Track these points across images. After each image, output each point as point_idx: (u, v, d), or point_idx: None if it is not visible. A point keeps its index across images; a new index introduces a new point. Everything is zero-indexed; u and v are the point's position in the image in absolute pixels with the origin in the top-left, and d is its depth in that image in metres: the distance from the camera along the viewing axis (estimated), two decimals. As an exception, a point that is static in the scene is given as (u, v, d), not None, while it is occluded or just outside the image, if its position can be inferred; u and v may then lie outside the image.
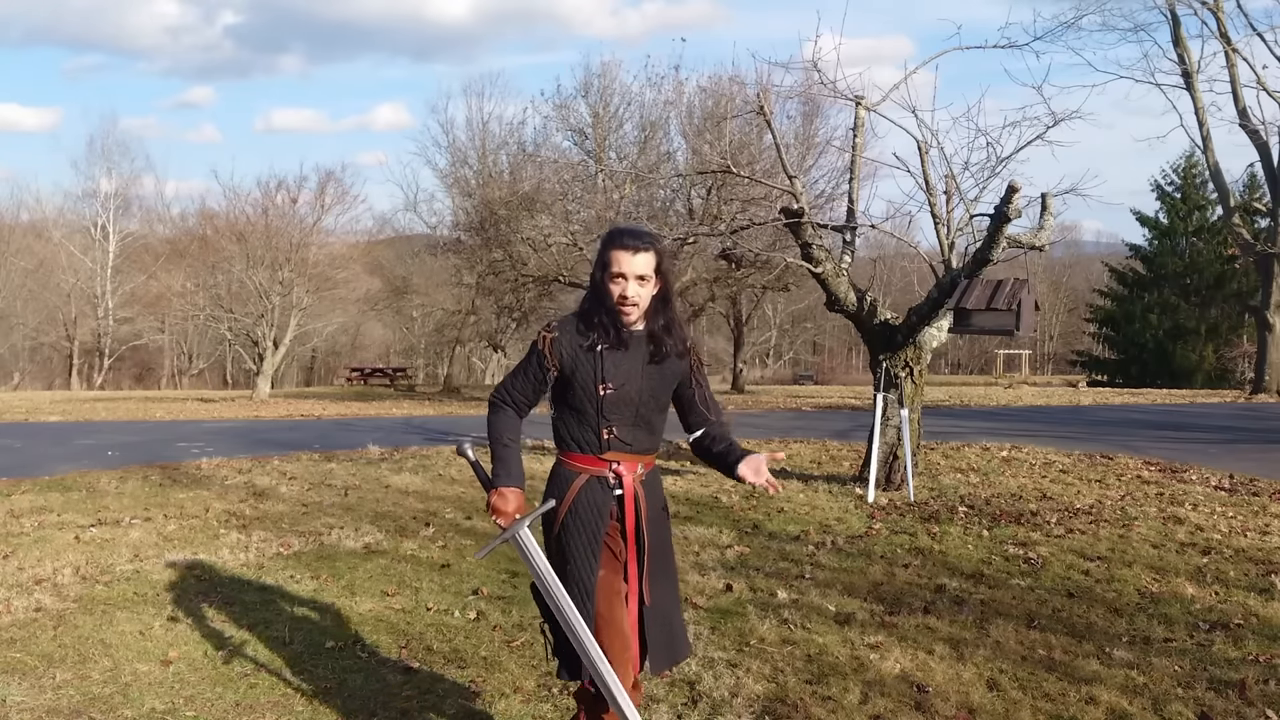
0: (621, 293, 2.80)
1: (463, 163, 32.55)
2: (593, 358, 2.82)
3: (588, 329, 2.84)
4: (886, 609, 5.00)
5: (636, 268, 2.79)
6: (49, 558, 6.02)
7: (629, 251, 2.79)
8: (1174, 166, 40.98)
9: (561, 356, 2.84)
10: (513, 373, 2.95)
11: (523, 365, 2.92)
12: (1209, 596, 5.25)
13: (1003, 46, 10.13)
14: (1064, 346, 57.54)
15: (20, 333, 47.19)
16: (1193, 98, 25.06)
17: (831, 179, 22.83)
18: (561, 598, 2.78)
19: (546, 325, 2.90)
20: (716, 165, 11.27)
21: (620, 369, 2.82)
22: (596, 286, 2.85)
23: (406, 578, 5.61)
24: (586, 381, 2.81)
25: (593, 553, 2.84)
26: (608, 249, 2.83)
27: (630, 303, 2.80)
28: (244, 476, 9.50)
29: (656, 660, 2.93)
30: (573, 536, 2.84)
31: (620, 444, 2.85)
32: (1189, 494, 8.45)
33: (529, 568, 2.82)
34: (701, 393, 3.00)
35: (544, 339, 2.86)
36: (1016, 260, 10.53)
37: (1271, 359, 25.19)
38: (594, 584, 2.83)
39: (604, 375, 2.80)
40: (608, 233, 2.90)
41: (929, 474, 9.47)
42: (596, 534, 2.84)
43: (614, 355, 2.82)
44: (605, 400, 2.80)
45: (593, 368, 2.81)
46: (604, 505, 2.86)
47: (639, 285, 2.81)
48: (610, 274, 2.81)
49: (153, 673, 4.09)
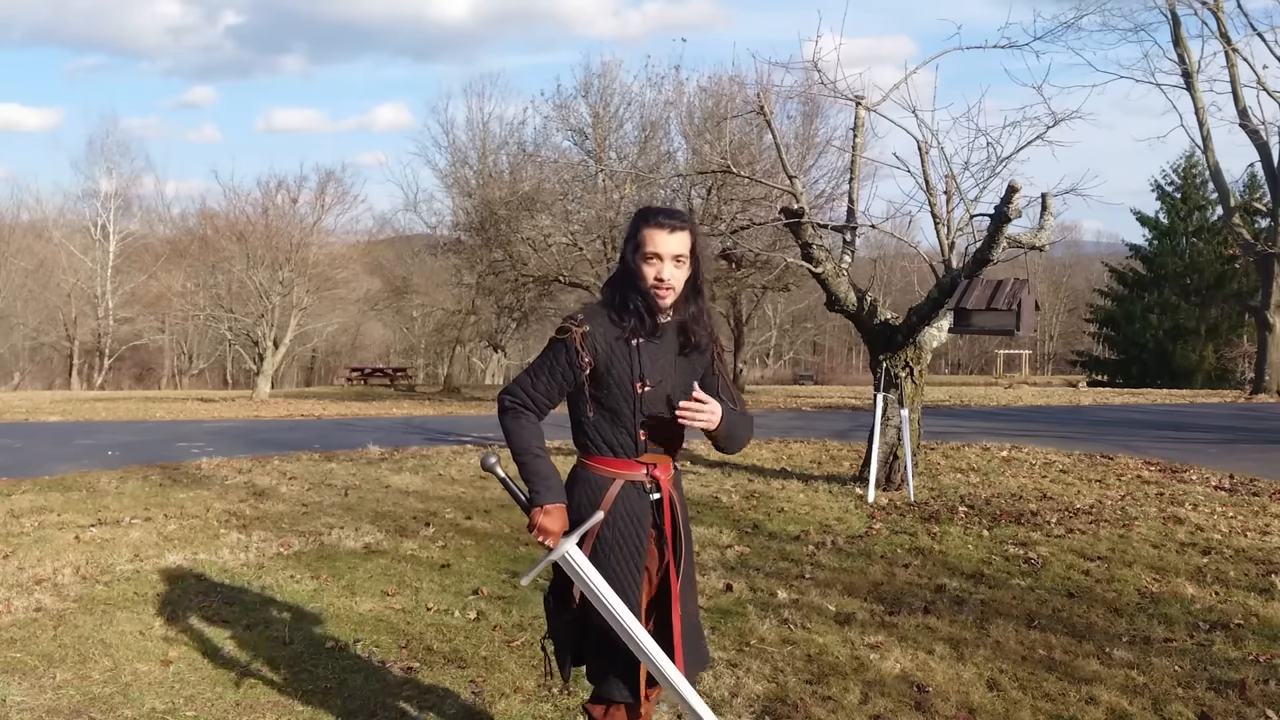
0: (658, 274, 2.56)
1: (463, 163, 32.56)
2: (629, 352, 2.57)
3: (620, 319, 2.59)
4: (886, 609, 5.00)
5: (673, 247, 2.56)
6: (49, 558, 6.03)
7: (665, 230, 2.56)
8: (1174, 166, 41.05)
9: (596, 351, 2.56)
10: (532, 372, 2.63)
11: (546, 363, 2.61)
12: (1209, 596, 5.25)
13: (1003, 46, 10.15)
14: (1064, 346, 57.56)
15: (20, 333, 47.20)
16: (1193, 98, 25.06)
17: (831, 179, 22.86)
18: (623, 612, 2.55)
19: (572, 317, 2.62)
20: (716, 165, 11.28)
21: (657, 365, 2.60)
22: (627, 268, 2.59)
23: (406, 578, 5.61)
24: (623, 379, 2.56)
25: (636, 566, 2.63)
26: (641, 227, 2.59)
27: (666, 286, 2.57)
28: (244, 476, 9.51)
29: (690, 668, 2.71)
30: (612, 549, 2.62)
31: (655, 446, 2.65)
32: (1189, 494, 8.45)
33: (581, 586, 2.59)
34: (723, 383, 2.75)
35: (575, 333, 2.56)
36: (1016, 260, 10.54)
37: (1271, 359, 25.19)
38: (638, 599, 2.62)
39: (642, 372, 2.57)
40: (639, 211, 2.65)
41: (929, 474, 9.47)
42: (639, 545, 2.63)
43: (650, 349, 2.59)
44: (644, 399, 2.57)
45: (629, 364, 2.56)
46: (643, 513, 2.65)
47: (675, 266, 2.58)
48: (645, 254, 2.57)
49: (153, 673, 4.10)
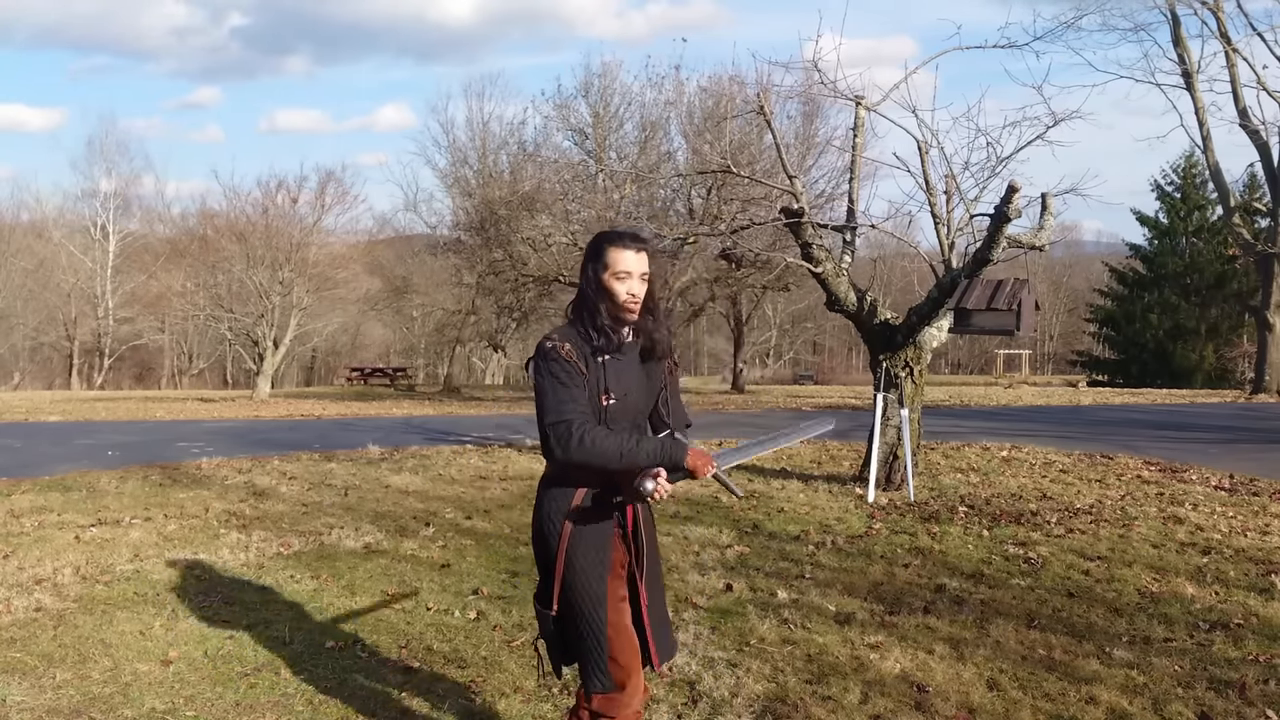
0: (629, 290, 2.79)
1: (463, 163, 32.59)
2: (596, 367, 2.79)
3: (590, 337, 2.80)
4: (886, 609, 5.00)
5: (640, 266, 2.80)
6: (49, 558, 6.03)
7: (633, 250, 2.79)
8: (1174, 166, 41.08)
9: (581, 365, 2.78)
10: (558, 401, 2.71)
11: (562, 385, 2.72)
12: (1209, 596, 5.25)
13: (1003, 46, 10.14)
14: (1064, 346, 57.58)
15: (20, 333, 47.21)
16: (1193, 98, 25.06)
17: (831, 179, 22.89)
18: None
19: (550, 337, 2.80)
20: (716, 165, 11.27)
21: (621, 378, 2.81)
22: (594, 288, 2.82)
23: (406, 578, 5.61)
24: (592, 392, 2.78)
25: (601, 562, 2.83)
26: (607, 248, 2.81)
27: (636, 299, 2.80)
28: (244, 476, 9.51)
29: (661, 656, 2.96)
30: (579, 547, 2.82)
31: None
32: (1189, 494, 8.45)
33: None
34: (671, 391, 2.95)
35: (562, 347, 2.75)
36: (1016, 260, 10.55)
37: (1271, 359, 25.19)
38: (604, 593, 2.82)
39: (606, 385, 2.78)
40: (602, 235, 2.88)
41: (929, 474, 9.47)
42: (604, 544, 2.84)
43: (614, 364, 2.80)
44: (608, 411, 2.78)
45: (596, 378, 2.78)
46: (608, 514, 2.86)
47: (641, 283, 2.81)
48: (616, 273, 2.79)
49: (153, 673, 4.10)
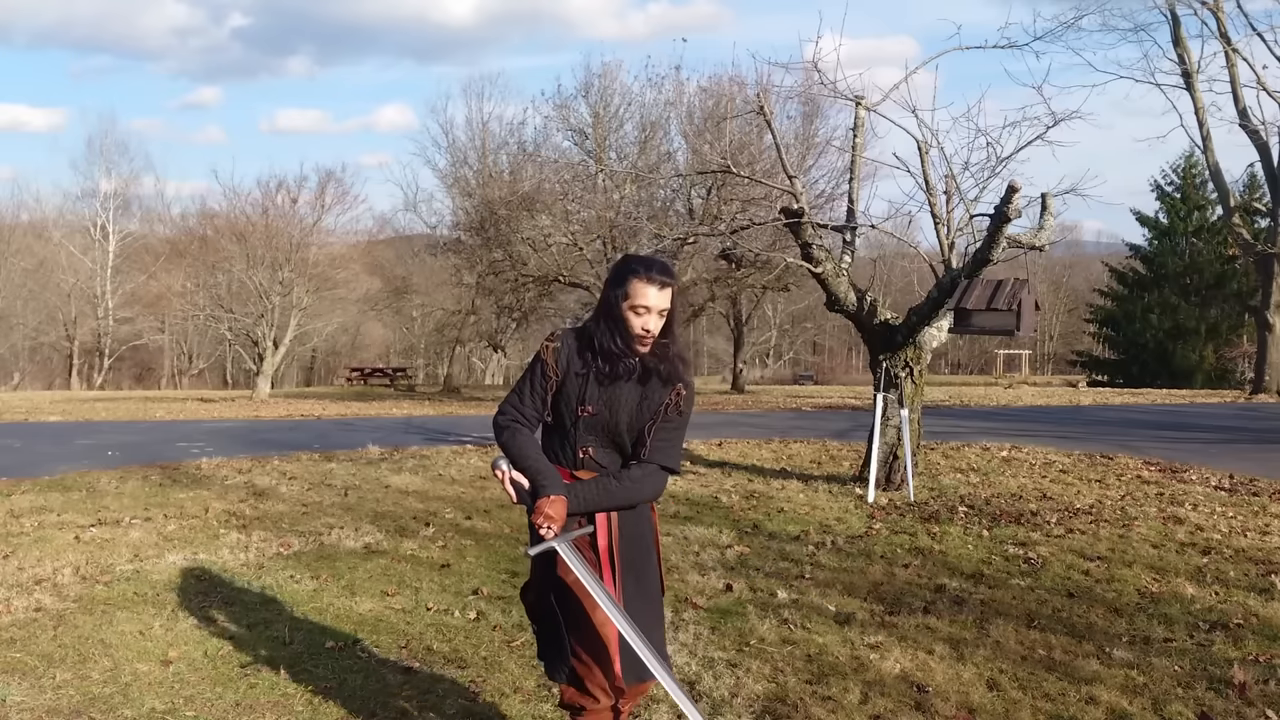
0: (644, 325, 2.77)
1: (463, 163, 32.58)
2: (580, 378, 2.81)
3: (587, 348, 2.83)
4: (886, 609, 5.00)
5: (661, 303, 2.78)
6: (49, 558, 6.03)
7: (655, 286, 2.76)
8: (1174, 166, 41.09)
9: (561, 367, 2.83)
10: (518, 389, 2.89)
11: (528, 379, 2.88)
12: (1209, 596, 5.25)
13: (1003, 46, 10.16)
14: (1064, 346, 57.55)
15: (20, 333, 47.22)
16: (1193, 98, 25.05)
17: (831, 179, 22.89)
18: (609, 601, 2.74)
19: (550, 335, 2.90)
20: (716, 165, 11.28)
21: (605, 393, 2.80)
22: (612, 312, 2.80)
23: (406, 578, 5.61)
24: (570, 397, 2.82)
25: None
26: (631, 279, 2.78)
27: (649, 336, 2.79)
28: (244, 476, 9.51)
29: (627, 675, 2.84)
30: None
31: (594, 464, 2.84)
32: (1189, 494, 8.45)
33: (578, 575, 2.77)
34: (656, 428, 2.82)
35: (547, 348, 2.85)
36: (1016, 260, 10.53)
37: (1271, 359, 25.20)
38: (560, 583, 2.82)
39: (585, 397, 2.80)
40: (628, 261, 2.85)
41: (929, 474, 9.47)
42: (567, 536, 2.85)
43: (603, 379, 2.81)
44: (583, 420, 2.81)
45: (578, 386, 2.81)
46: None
47: (659, 319, 2.79)
48: (634, 305, 2.77)
49: (153, 673, 4.09)
